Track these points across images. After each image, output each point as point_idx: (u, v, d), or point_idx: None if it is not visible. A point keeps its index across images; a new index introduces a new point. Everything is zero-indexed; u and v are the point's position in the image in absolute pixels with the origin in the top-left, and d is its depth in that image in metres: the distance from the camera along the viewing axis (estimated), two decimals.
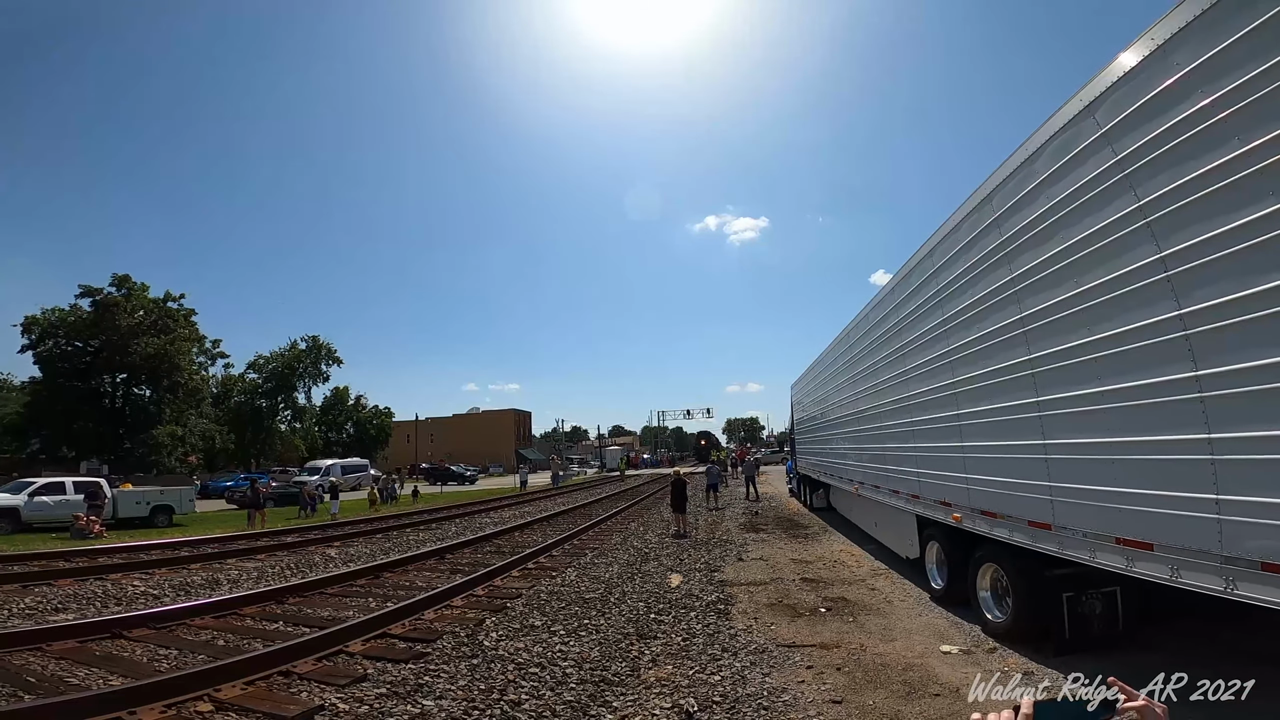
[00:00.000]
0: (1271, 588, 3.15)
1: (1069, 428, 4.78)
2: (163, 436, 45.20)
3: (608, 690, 5.11)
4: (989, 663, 5.47)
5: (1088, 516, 4.56)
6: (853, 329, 12.05)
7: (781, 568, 10.34)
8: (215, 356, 54.16)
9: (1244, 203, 3.19)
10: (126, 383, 45.99)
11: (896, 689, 4.98)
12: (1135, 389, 4.03)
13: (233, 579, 10.10)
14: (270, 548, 13.49)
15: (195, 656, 5.95)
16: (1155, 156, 3.75)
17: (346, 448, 62.71)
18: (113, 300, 43.85)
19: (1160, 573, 3.87)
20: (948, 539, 7.30)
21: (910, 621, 6.91)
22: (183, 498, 22.29)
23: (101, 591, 9.00)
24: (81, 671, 5.50)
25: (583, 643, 6.37)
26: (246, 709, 4.63)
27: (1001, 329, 5.71)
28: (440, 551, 12.40)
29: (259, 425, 57.50)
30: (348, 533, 16.21)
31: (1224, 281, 3.35)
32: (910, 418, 8.39)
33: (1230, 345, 3.34)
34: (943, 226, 7.12)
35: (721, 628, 6.87)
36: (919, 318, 7.88)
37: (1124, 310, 4.09)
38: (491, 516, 20.71)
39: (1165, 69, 3.65)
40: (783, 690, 5.02)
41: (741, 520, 17.56)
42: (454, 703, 4.81)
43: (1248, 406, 3.27)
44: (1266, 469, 3.17)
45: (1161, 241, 3.74)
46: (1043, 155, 4.93)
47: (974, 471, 6.42)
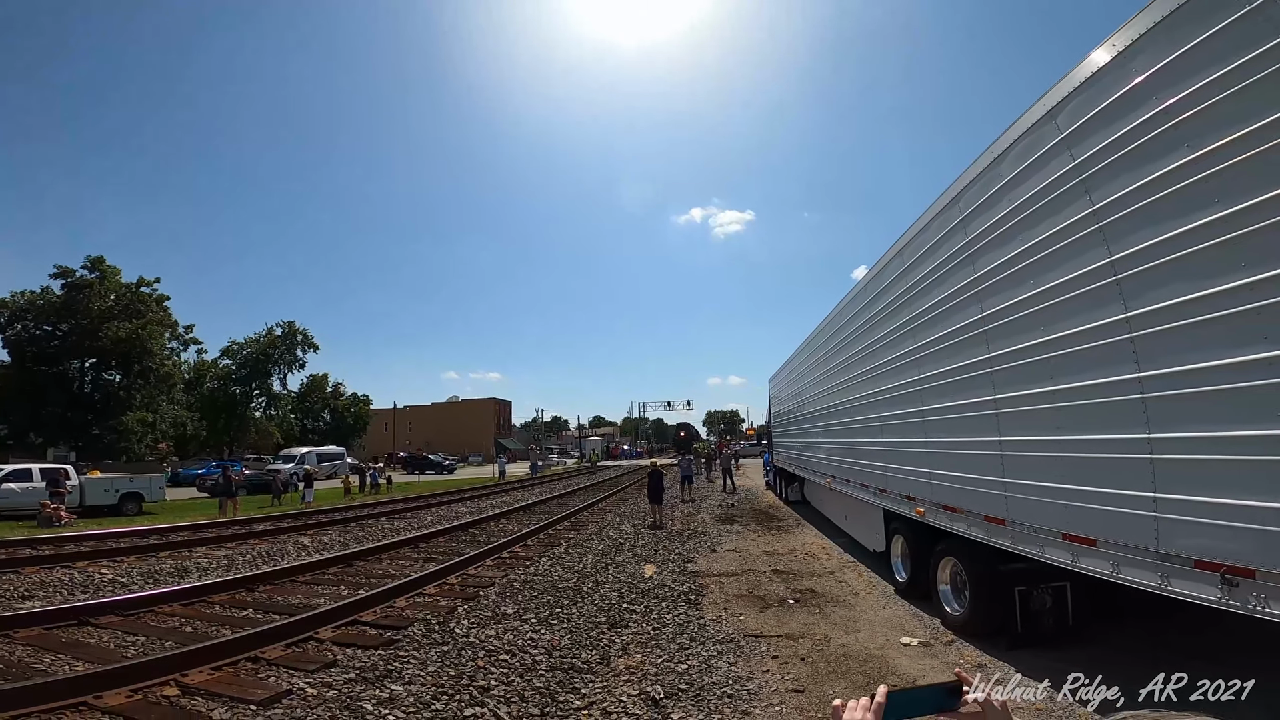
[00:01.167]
0: (1203, 585, 3.30)
1: (1022, 425, 4.95)
2: (132, 423, 44.29)
3: (577, 677, 5.20)
4: (946, 655, 5.66)
5: (1038, 512, 4.73)
6: (828, 324, 12.21)
7: (754, 559, 10.51)
8: (188, 342, 53.21)
9: (1190, 209, 3.30)
10: (96, 367, 45.02)
11: (857, 679, 5.13)
12: (1084, 389, 4.19)
13: (203, 567, 10.03)
14: (242, 536, 13.39)
15: (163, 643, 5.95)
16: (1110, 162, 3.85)
17: (323, 436, 62.03)
18: (84, 283, 42.84)
19: (1102, 568, 4.04)
20: (912, 533, 7.49)
21: (874, 614, 7.09)
22: (153, 485, 21.93)
23: (69, 579, 8.91)
24: (48, 658, 5.49)
25: (554, 631, 6.45)
26: (214, 693, 4.65)
27: (964, 328, 5.86)
28: (414, 540, 12.41)
29: (232, 412, 56.61)
30: (321, 521, 16.12)
31: (1168, 286, 3.48)
32: (879, 413, 8.57)
33: (1172, 348, 3.48)
34: (913, 225, 7.26)
35: (691, 617, 6.99)
36: (889, 315, 8.04)
37: (1076, 312, 4.23)
38: (468, 506, 20.69)
39: (1125, 75, 3.72)
40: (748, 679, 5.15)
41: (717, 512, 17.75)
42: (423, 688, 4.87)
43: (1186, 408, 3.42)
44: (1202, 469, 3.33)
45: (1112, 245, 3.88)
46: (1008, 158, 5.05)
47: (937, 467, 6.59)
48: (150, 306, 46.28)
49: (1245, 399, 3.06)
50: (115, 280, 44.73)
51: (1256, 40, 2.92)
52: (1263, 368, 2.97)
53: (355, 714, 4.38)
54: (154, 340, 45.76)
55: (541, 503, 20.51)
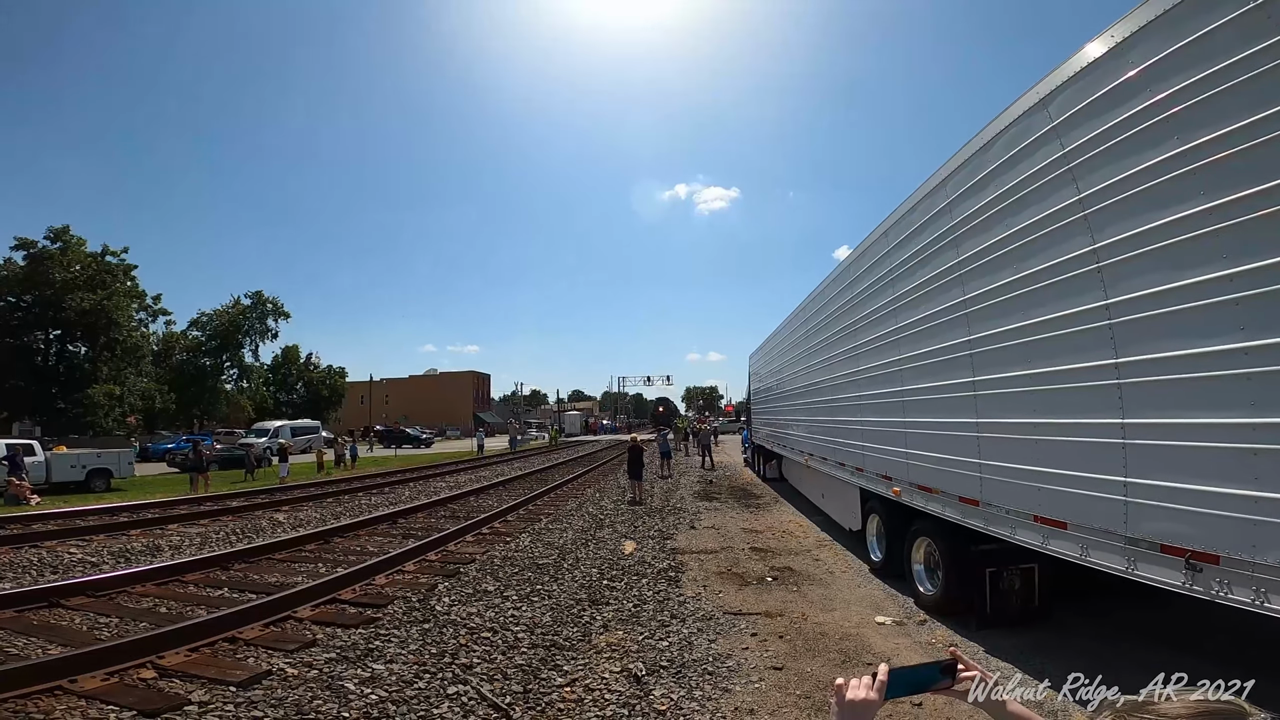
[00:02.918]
0: (1168, 569, 3.41)
1: (999, 408, 5.04)
2: (99, 396, 43.08)
3: (559, 654, 5.25)
4: (919, 634, 5.81)
5: (1011, 494, 4.84)
6: (809, 302, 12.25)
7: (732, 537, 10.65)
8: (156, 313, 51.62)
9: (1174, 201, 3.34)
10: (61, 339, 43.64)
11: (833, 657, 5.25)
12: (1061, 373, 4.26)
13: (175, 545, 9.88)
14: (214, 513, 13.19)
15: (137, 624, 5.86)
16: (1099, 152, 3.86)
17: (298, 409, 60.99)
18: (46, 254, 41.29)
19: (1071, 551, 4.15)
20: (887, 512, 7.63)
21: (850, 592, 7.25)
22: (121, 461, 21.47)
23: (37, 559, 8.72)
24: (20, 641, 5.38)
25: (535, 608, 6.49)
26: (192, 675, 4.61)
27: (946, 310, 5.91)
28: (393, 516, 12.36)
29: (202, 385, 55.37)
30: (296, 497, 15.95)
31: (1148, 275, 3.54)
32: (858, 392, 8.66)
33: (1149, 336, 3.55)
34: (899, 208, 7.26)
35: (671, 595, 7.08)
36: (872, 295, 8.08)
37: (1057, 298, 4.29)
38: (447, 481, 20.63)
39: (1120, 66, 3.71)
40: (727, 656, 5.24)
41: (696, 489, 17.93)
42: (405, 666, 4.88)
43: (1160, 395, 3.50)
44: (1172, 454, 3.42)
45: (1096, 234, 3.91)
46: (997, 144, 5.04)
47: (914, 447, 6.70)
48: (116, 277, 44.82)
49: (1217, 387, 3.14)
50: (79, 251, 43.17)
51: (1256, 36, 2.91)
52: (1236, 357, 3.03)
53: (337, 693, 4.37)
54: (120, 311, 44.37)
55: (521, 478, 20.53)
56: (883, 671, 0.99)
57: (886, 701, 0.98)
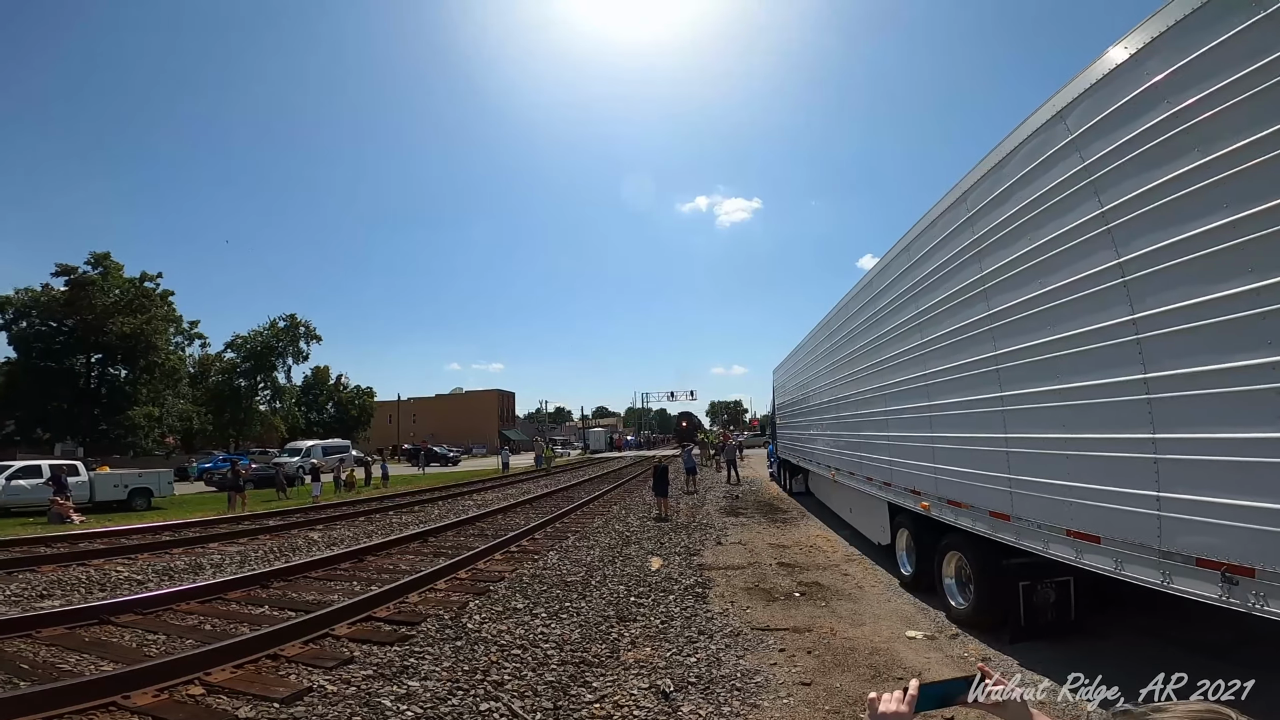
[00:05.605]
0: (1204, 583, 3.37)
1: (1028, 422, 5.01)
2: (139, 417, 44.58)
3: (588, 671, 5.30)
4: (951, 648, 5.75)
5: (1042, 508, 4.80)
6: (833, 317, 12.25)
7: (759, 552, 10.61)
8: (193, 337, 53.42)
9: (1198, 214, 3.34)
10: (102, 363, 45.22)
11: (863, 672, 5.22)
12: (1089, 388, 4.24)
13: (216, 563, 10.16)
14: (253, 531, 13.54)
15: (183, 641, 6.06)
16: (1120, 164, 3.86)
17: (328, 428, 62.19)
18: (88, 279, 42.97)
19: (1106, 565, 4.11)
20: (917, 526, 7.57)
21: (879, 607, 7.18)
22: (161, 480, 22.16)
23: (85, 577, 9.03)
24: (73, 657, 5.58)
25: (564, 625, 6.56)
26: (237, 691, 4.76)
27: (971, 324, 5.90)
28: (423, 535, 12.53)
29: (238, 405, 56.80)
30: (329, 516, 16.27)
31: (1175, 289, 3.53)
32: (885, 407, 8.63)
33: (1177, 350, 3.53)
34: (920, 222, 7.29)
35: (699, 611, 7.09)
36: (896, 309, 8.08)
37: (1083, 312, 4.28)
38: (474, 499, 20.84)
39: (1137, 77, 3.72)
40: (755, 672, 5.25)
41: (722, 504, 17.86)
42: (439, 683, 4.97)
43: (1190, 409, 3.47)
44: (1204, 469, 3.39)
45: (1120, 247, 3.91)
46: (1015, 158, 5.07)
47: (942, 462, 6.66)
48: (154, 301, 46.42)
49: (1248, 402, 3.11)
50: (118, 276, 44.88)
51: (1273, 45, 2.94)
52: (1266, 372, 3.02)
53: (375, 710, 4.48)
54: (158, 335, 45.94)
55: (547, 495, 20.65)
56: (914, 686, 1.05)
57: (917, 715, 1.04)
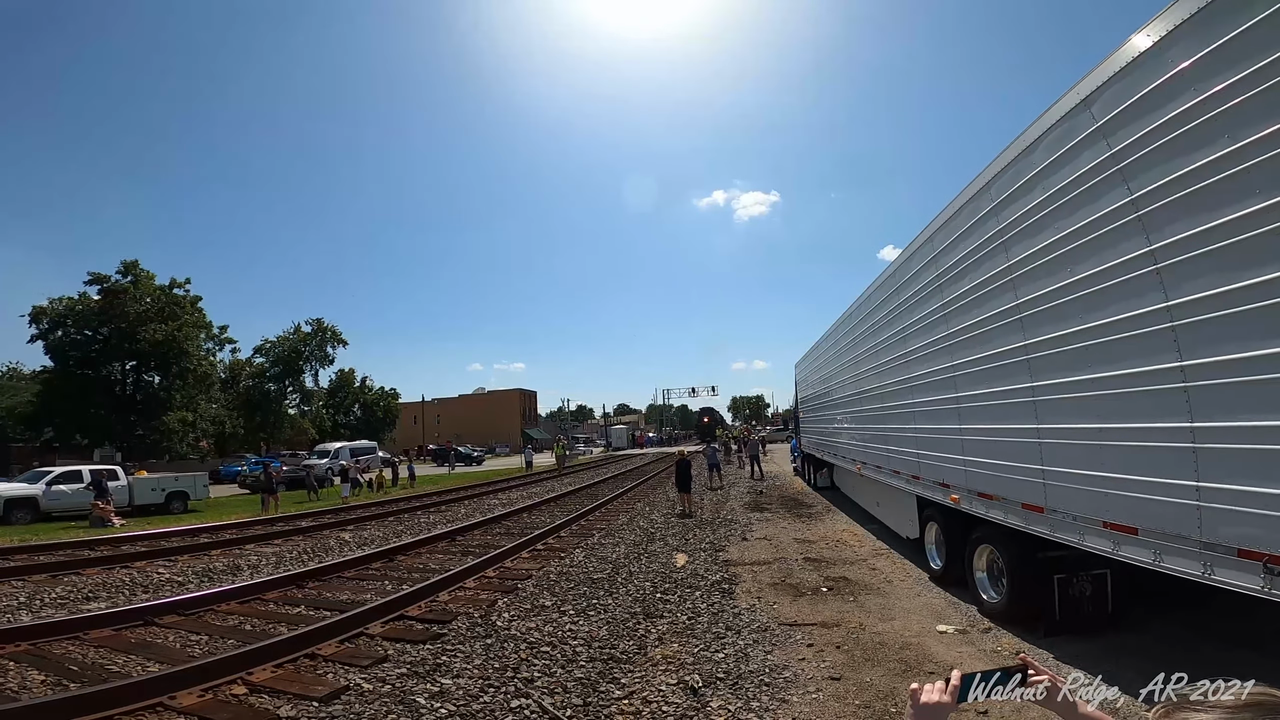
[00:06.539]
0: (1246, 574, 3.31)
1: (1061, 413, 4.93)
2: (173, 422, 45.65)
3: (616, 668, 5.34)
4: (983, 642, 5.69)
5: (1077, 500, 4.72)
6: (856, 309, 12.13)
7: (785, 547, 10.58)
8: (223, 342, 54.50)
9: (1231, 200, 3.27)
10: (136, 369, 46.36)
11: (893, 667, 5.19)
12: (1124, 377, 4.16)
13: (253, 564, 10.41)
14: (287, 533, 13.84)
15: (225, 641, 6.23)
16: (1148, 151, 3.80)
17: (354, 430, 63.15)
18: (120, 288, 44.04)
19: (1144, 557, 4.04)
20: (946, 520, 7.48)
21: (909, 601, 7.13)
22: (197, 484, 22.72)
23: (129, 579, 9.31)
24: (120, 659, 5.76)
25: (591, 622, 6.61)
26: (278, 691, 4.88)
27: (998, 314, 5.81)
28: (451, 534, 12.70)
29: (267, 409, 57.94)
30: (360, 516, 16.55)
31: (1209, 276, 3.46)
32: (911, 399, 8.53)
33: (1214, 338, 3.46)
34: (943, 212, 7.19)
35: (725, 607, 7.10)
36: (920, 300, 7.98)
37: (1114, 300, 4.20)
38: (499, 498, 21.04)
39: (1162, 64, 3.66)
40: (784, 667, 5.25)
41: (746, 499, 17.82)
42: (471, 681, 5.05)
43: (1229, 397, 3.40)
44: (1245, 458, 3.32)
45: (1152, 235, 3.84)
46: (1040, 146, 4.98)
47: (971, 454, 6.58)
48: (185, 308, 47.47)
49: None
50: (149, 284, 45.95)
51: None
52: None
53: (409, 708, 4.57)
54: (190, 341, 46.96)
55: (571, 493, 20.77)
56: (955, 676, 1.06)
57: (959, 706, 1.04)
